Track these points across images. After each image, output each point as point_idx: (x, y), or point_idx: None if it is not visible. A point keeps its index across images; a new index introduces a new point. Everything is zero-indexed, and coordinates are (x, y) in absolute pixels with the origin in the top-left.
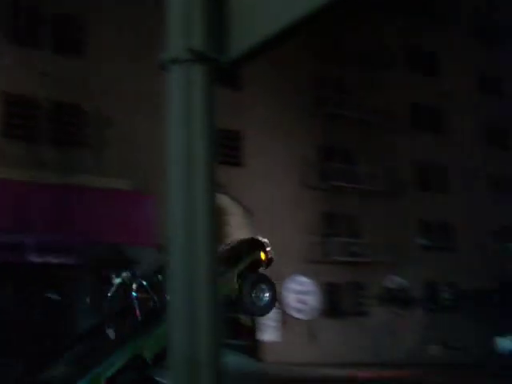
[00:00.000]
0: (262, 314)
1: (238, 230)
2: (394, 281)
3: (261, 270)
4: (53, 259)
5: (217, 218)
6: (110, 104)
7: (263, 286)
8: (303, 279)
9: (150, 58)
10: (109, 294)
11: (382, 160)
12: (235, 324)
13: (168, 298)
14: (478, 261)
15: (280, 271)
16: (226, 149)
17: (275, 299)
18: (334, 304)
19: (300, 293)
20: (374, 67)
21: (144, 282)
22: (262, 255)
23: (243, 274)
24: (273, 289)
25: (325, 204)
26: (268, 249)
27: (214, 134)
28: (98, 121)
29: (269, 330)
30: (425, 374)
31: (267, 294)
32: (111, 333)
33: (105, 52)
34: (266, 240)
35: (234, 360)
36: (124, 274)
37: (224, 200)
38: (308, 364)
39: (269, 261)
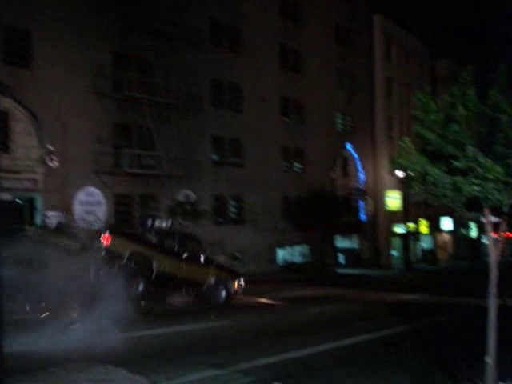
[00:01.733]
0: None
1: (24, 136)
2: (186, 194)
3: None
4: None
5: None
6: None
7: None
8: (93, 190)
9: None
10: None
11: (180, 74)
12: None
13: None
14: (264, 177)
15: (70, 182)
16: (13, 47)
17: None
18: (125, 215)
19: (89, 204)
20: None
21: None
22: None
23: None
24: None
25: (118, 114)
26: None
27: None
28: None
29: None
30: None
31: None
32: None
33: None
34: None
35: None
36: None
37: (8, 104)
38: None
39: None
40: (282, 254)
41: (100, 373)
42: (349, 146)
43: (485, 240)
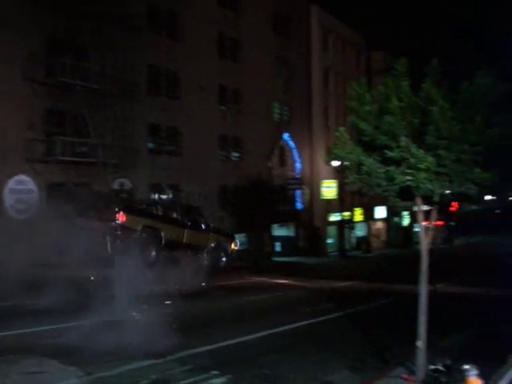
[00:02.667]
0: None
1: None
2: (121, 183)
3: None
4: None
5: None
6: None
7: None
8: (24, 178)
9: None
10: None
11: (116, 60)
12: None
13: None
14: (201, 166)
15: (0, 170)
16: None
17: None
18: (56, 204)
19: (20, 192)
20: None
21: None
22: None
23: None
24: None
25: (51, 101)
26: None
27: None
28: None
29: None
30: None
31: None
32: None
33: None
34: None
35: None
36: None
37: None
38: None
39: None
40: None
41: (33, 365)
42: (286, 136)
43: (417, 228)
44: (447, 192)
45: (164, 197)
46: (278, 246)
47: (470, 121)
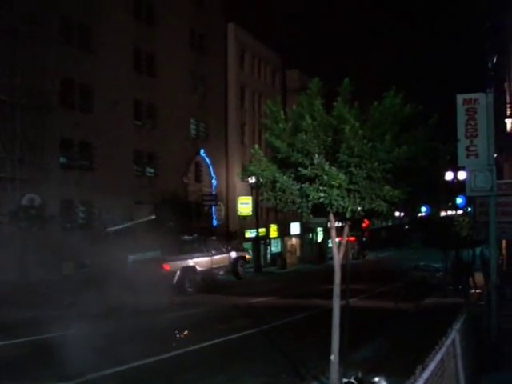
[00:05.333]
0: None
1: None
2: (31, 198)
3: None
4: None
5: None
6: None
7: None
8: None
9: None
10: None
11: (27, 72)
12: None
13: None
14: (115, 181)
15: None
16: None
17: None
18: None
19: None
20: None
21: None
22: None
23: None
24: None
25: None
26: None
27: None
28: None
29: None
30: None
31: None
32: None
33: None
34: None
35: None
36: None
37: None
38: None
39: None
40: (132, 261)
41: None
42: (202, 152)
43: (330, 244)
44: (359, 208)
45: (146, 219)
46: None
47: (380, 139)
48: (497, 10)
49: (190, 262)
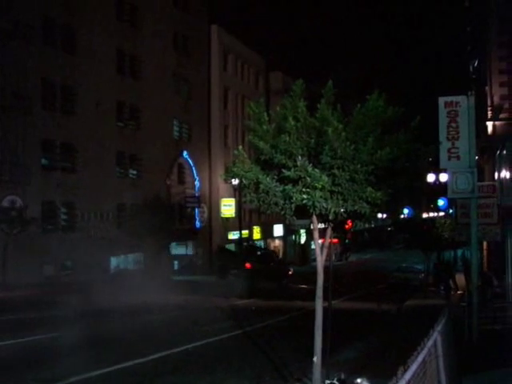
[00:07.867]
0: None
1: None
2: (12, 200)
3: None
4: None
5: None
6: None
7: None
8: None
9: None
10: None
11: (8, 72)
12: None
13: None
14: (97, 183)
15: None
16: None
17: None
18: None
19: None
20: None
21: None
22: None
23: None
24: None
25: None
26: None
27: None
28: None
29: None
30: (42, 293)
31: None
32: None
33: None
34: None
35: None
36: None
37: None
38: None
39: None
40: (115, 263)
41: None
42: (185, 153)
43: (313, 245)
44: (342, 210)
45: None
46: (176, 265)
47: (363, 141)
48: (478, 14)
49: None
